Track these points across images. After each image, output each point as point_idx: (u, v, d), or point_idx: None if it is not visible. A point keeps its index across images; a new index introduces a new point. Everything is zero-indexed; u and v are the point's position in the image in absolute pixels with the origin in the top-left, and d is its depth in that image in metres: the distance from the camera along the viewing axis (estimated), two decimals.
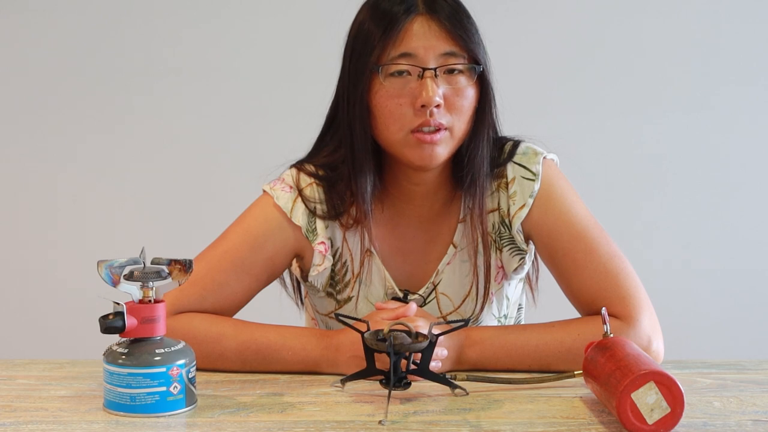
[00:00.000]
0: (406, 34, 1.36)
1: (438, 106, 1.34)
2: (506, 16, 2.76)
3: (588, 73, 2.82)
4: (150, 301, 1.16)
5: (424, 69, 1.34)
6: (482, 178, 1.43)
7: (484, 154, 1.43)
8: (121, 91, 2.86)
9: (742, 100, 2.81)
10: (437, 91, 1.34)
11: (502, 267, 1.49)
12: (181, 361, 1.15)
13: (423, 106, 1.34)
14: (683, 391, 1.05)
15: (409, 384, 1.20)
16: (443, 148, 1.37)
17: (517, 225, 1.45)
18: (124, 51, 2.85)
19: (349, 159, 1.42)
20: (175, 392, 1.15)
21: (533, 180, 1.44)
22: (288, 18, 2.83)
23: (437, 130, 1.35)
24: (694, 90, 2.81)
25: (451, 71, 1.36)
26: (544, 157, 1.47)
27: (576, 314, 1.44)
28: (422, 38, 1.35)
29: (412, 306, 1.34)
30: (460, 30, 1.37)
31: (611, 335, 1.21)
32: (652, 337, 1.36)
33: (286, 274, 1.57)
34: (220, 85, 2.85)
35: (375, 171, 1.43)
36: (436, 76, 1.35)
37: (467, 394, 1.23)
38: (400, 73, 1.36)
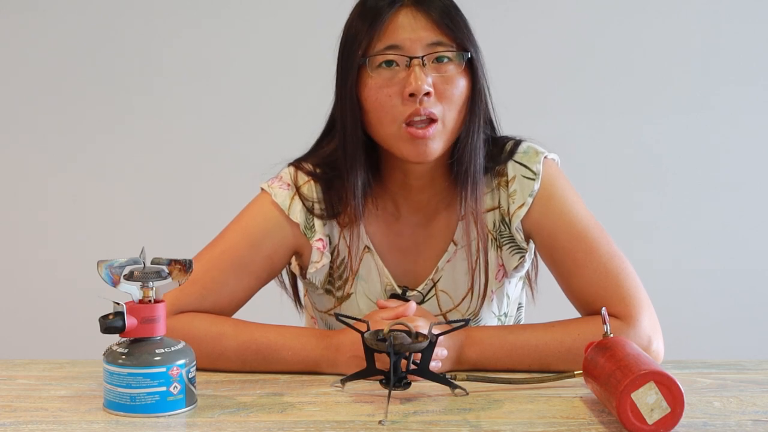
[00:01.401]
0: (390, 25, 1.36)
1: (428, 94, 1.34)
2: (506, 16, 2.76)
3: (588, 73, 2.82)
4: (150, 301, 1.16)
5: (411, 57, 1.34)
6: (475, 168, 1.42)
7: (476, 144, 1.41)
8: (121, 91, 2.86)
9: (743, 100, 2.81)
10: (425, 78, 1.34)
11: (503, 265, 1.49)
12: (181, 361, 1.15)
13: (412, 94, 1.34)
14: (683, 391, 1.05)
15: (409, 384, 1.20)
16: (437, 142, 1.37)
17: (516, 223, 1.45)
18: (124, 51, 2.85)
19: (341, 155, 1.42)
20: (175, 392, 1.15)
21: (533, 179, 1.44)
22: (288, 18, 2.83)
23: (429, 123, 1.35)
24: (694, 90, 2.82)
25: (439, 60, 1.36)
26: (545, 157, 1.47)
27: (576, 314, 1.44)
28: (408, 30, 1.35)
29: (412, 305, 1.34)
30: (447, 20, 1.37)
31: (611, 335, 1.21)
32: (652, 337, 1.36)
33: (285, 277, 1.57)
34: (220, 85, 2.85)
35: (368, 167, 1.43)
36: (423, 64, 1.35)
37: (467, 394, 1.23)
38: (388, 64, 1.36)
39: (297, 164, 1.49)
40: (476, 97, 1.40)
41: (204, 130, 2.86)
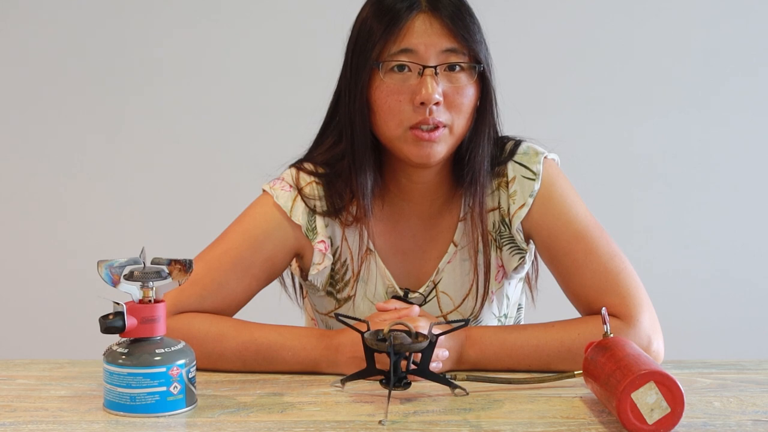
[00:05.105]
0: (407, 30, 1.36)
1: (437, 103, 1.35)
2: (506, 15, 2.76)
3: (588, 73, 2.82)
4: (150, 301, 1.16)
5: (425, 66, 1.35)
6: (482, 176, 1.43)
7: (484, 152, 1.43)
8: (121, 91, 2.86)
9: (744, 99, 2.81)
10: (437, 88, 1.34)
11: (503, 266, 1.49)
12: (181, 361, 1.15)
13: (422, 103, 1.34)
14: (683, 391, 1.05)
15: (409, 384, 1.20)
16: (442, 146, 1.37)
17: (516, 224, 1.45)
18: (124, 51, 2.85)
19: (350, 155, 1.42)
20: (175, 392, 1.15)
21: (533, 179, 1.44)
22: (288, 17, 2.83)
23: (436, 127, 1.35)
24: (695, 89, 2.81)
25: (451, 68, 1.36)
26: (545, 157, 1.47)
27: (576, 314, 1.44)
28: (423, 35, 1.35)
29: (415, 308, 1.34)
30: (462, 28, 1.37)
31: (611, 335, 1.21)
32: (652, 337, 1.36)
33: (286, 276, 1.57)
34: (219, 85, 2.85)
35: (375, 168, 1.43)
36: (436, 73, 1.35)
37: (467, 394, 1.23)
38: (401, 69, 1.36)
39: (298, 165, 1.49)
40: (486, 105, 1.41)
41: (204, 129, 2.85)
